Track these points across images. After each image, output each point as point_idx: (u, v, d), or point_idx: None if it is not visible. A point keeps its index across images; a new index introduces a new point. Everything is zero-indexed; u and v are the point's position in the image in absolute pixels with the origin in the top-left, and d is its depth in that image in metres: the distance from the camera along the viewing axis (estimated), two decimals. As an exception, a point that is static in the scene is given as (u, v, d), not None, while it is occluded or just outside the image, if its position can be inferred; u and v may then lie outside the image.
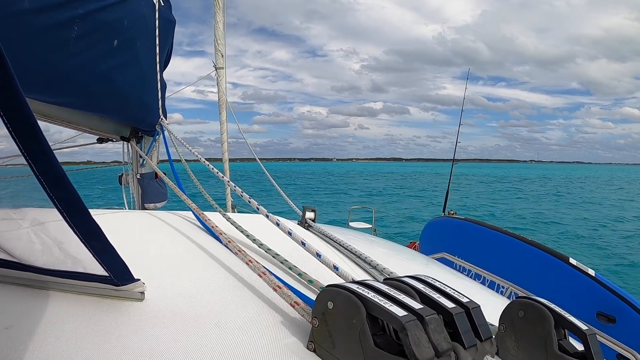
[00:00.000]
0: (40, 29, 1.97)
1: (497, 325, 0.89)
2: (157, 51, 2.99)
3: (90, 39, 2.32)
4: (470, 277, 3.10)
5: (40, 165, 0.63)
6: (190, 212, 1.74)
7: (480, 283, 2.89)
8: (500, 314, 0.90)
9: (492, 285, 3.04)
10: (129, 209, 3.53)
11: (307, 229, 1.84)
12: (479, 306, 0.78)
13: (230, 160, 3.96)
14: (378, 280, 0.79)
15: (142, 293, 0.87)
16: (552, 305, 0.86)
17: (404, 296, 0.71)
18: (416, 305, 0.68)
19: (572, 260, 2.74)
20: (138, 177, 3.51)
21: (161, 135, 3.22)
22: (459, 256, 3.41)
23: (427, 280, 0.83)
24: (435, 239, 3.98)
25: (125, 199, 3.62)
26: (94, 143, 3.43)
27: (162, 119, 3.14)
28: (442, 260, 3.32)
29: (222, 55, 3.86)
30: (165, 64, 3.30)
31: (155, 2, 2.94)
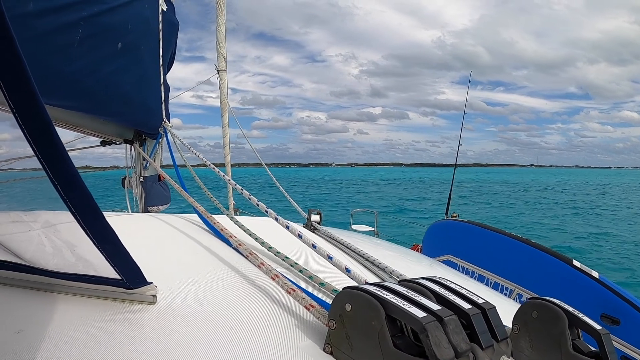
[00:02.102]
0: (44, 31, 1.97)
1: (509, 326, 0.89)
2: (161, 54, 2.99)
3: (94, 42, 2.31)
4: (475, 279, 3.10)
5: (55, 167, 0.63)
6: (196, 215, 1.73)
7: (485, 285, 2.89)
8: (514, 315, 0.90)
9: (496, 287, 3.04)
10: (132, 212, 3.53)
11: (313, 232, 1.84)
12: (495, 307, 0.78)
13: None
14: (393, 282, 0.79)
15: (154, 296, 0.87)
16: (566, 306, 0.86)
17: (421, 297, 0.70)
18: (434, 306, 0.68)
19: (576, 263, 2.74)
20: (141, 179, 3.51)
21: (164, 138, 3.22)
22: (462, 258, 3.41)
23: (441, 281, 0.82)
24: (438, 242, 3.99)
25: (128, 202, 3.61)
26: (97, 146, 3.43)
27: (165, 121, 3.14)
28: (447, 263, 3.32)
29: (224, 58, 3.86)
30: (168, 67, 3.30)
31: (159, 5, 2.93)
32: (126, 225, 1.64)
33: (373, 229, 7.67)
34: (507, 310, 0.93)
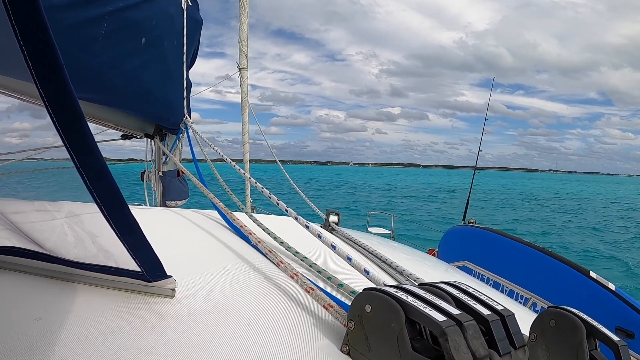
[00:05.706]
0: (69, 25, 1.99)
1: (526, 334, 0.88)
2: (184, 50, 3.01)
3: (118, 37, 2.34)
4: (490, 286, 3.07)
5: (84, 159, 0.63)
6: (215, 211, 1.74)
7: (500, 292, 2.87)
8: (532, 323, 0.89)
9: (511, 295, 3.02)
10: (150, 205, 3.55)
11: (331, 233, 1.83)
12: (513, 314, 0.77)
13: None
14: (413, 285, 0.78)
15: (173, 290, 0.87)
16: (584, 316, 0.85)
17: (441, 301, 0.70)
18: (454, 310, 0.67)
19: (592, 274, 2.71)
20: (160, 174, 3.54)
21: (185, 134, 3.25)
22: (479, 265, 3.39)
23: (461, 286, 0.82)
24: (454, 247, 3.97)
25: (146, 196, 3.64)
26: (117, 139, 3.47)
27: (186, 117, 3.17)
28: (463, 268, 3.30)
29: (246, 56, 3.87)
30: (191, 63, 3.32)
31: (183, 2, 2.96)
32: (145, 219, 1.65)
33: (390, 231, 7.63)
34: (523, 319, 0.93)
